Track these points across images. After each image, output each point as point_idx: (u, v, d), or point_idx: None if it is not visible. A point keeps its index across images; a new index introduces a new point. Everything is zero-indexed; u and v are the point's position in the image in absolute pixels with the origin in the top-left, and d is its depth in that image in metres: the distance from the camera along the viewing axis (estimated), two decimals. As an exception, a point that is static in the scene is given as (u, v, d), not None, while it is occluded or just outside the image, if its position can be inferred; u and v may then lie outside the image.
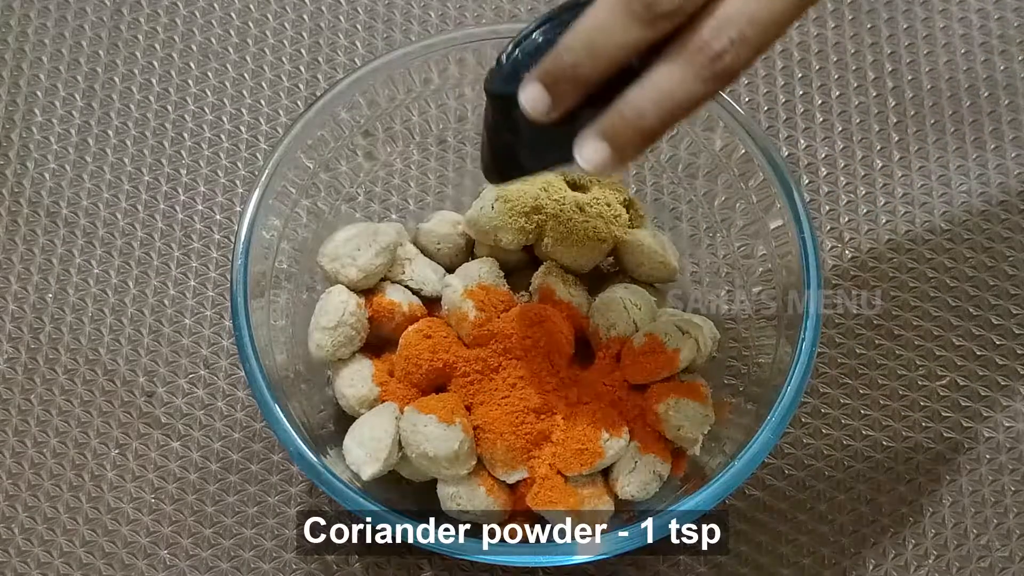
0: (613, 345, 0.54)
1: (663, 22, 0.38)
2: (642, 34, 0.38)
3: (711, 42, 0.38)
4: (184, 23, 0.70)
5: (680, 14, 0.38)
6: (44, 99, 0.69)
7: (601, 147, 0.40)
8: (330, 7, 0.71)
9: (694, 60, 0.38)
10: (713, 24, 0.38)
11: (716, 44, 0.38)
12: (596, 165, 0.40)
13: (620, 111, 0.40)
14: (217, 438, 0.60)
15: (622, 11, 0.38)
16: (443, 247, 0.58)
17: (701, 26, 0.38)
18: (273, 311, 0.54)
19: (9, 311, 0.63)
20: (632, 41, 0.38)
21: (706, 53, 0.38)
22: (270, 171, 0.54)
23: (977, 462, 0.59)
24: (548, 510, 0.51)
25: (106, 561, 0.58)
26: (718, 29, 0.38)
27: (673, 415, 0.52)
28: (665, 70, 0.39)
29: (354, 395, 0.53)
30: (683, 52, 0.38)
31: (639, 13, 0.38)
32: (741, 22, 0.38)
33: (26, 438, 0.61)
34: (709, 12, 0.38)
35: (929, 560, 0.57)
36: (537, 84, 0.40)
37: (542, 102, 0.40)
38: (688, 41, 0.38)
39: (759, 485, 0.59)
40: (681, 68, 0.38)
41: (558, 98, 0.40)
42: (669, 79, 0.39)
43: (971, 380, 0.61)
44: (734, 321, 0.58)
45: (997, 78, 0.68)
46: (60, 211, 0.66)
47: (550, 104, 0.40)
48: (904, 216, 0.64)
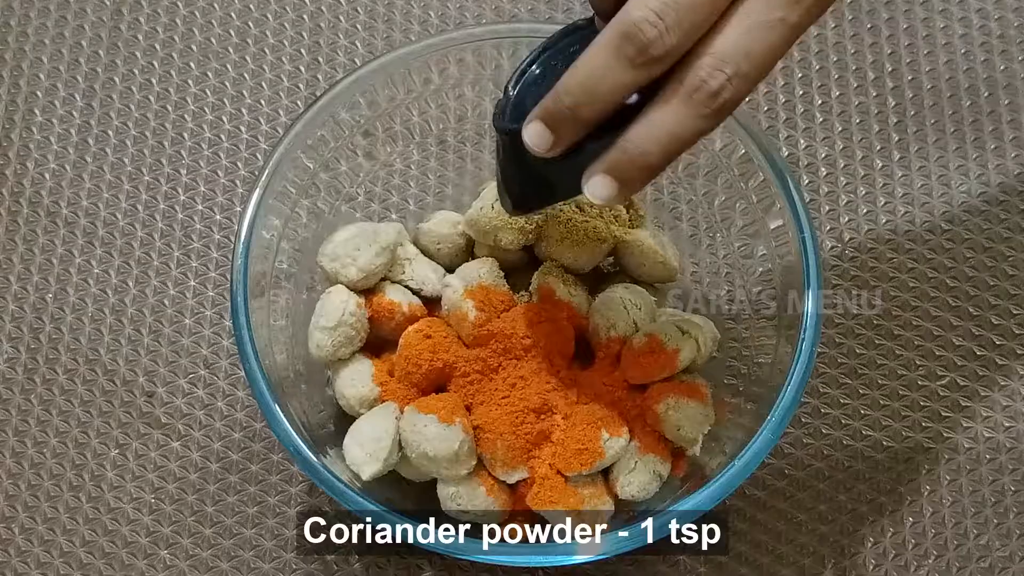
0: (613, 345, 0.54)
1: (656, 65, 0.39)
2: (637, 76, 0.39)
3: (708, 80, 0.39)
4: (184, 23, 0.70)
5: (673, 56, 0.39)
6: (44, 99, 0.69)
7: (608, 182, 0.42)
8: (330, 7, 0.71)
9: (693, 98, 0.39)
10: (709, 61, 0.39)
11: (713, 82, 0.39)
12: (604, 199, 0.42)
13: (624, 149, 0.41)
14: (217, 438, 0.60)
15: (616, 55, 0.39)
16: (443, 247, 0.58)
17: (697, 64, 0.39)
18: (273, 311, 0.54)
19: (9, 311, 0.63)
20: (628, 83, 0.40)
21: (704, 91, 0.39)
22: (270, 171, 0.54)
23: (977, 462, 0.59)
24: (548, 510, 0.51)
25: (106, 561, 0.58)
26: (714, 67, 0.39)
27: (673, 415, 0.52)
28: (665, 108, 0.40)
29: (354, 395, 0.53)
30: (681, 91, 0.39)
31: (633, 58, 0.39)
32: (737, 57, 0.39)
33: (26, 438, 0.61)
34: (704, 46, 0.39)
35: (929, 560, 0.57)
36: (539, 123, 0.41)
37: (544, 140, 0.41)
38: (686, 79, 0.39)
39: (759, 485, 0.59)
40: (681, 106, 0.39)
41: (559, 137, 0.41)
42: (670, 117, 0.40)
43: (971, 380, 0.61)
44: (734, 321, 0.58)
45: (997, 78, 0.68)
46: (60, 211, 0.66)
47: (552, 142, 0.41)
48: (904, 216, 0.64)
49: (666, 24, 0.38)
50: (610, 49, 0.39)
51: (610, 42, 0.39)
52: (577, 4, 0.70)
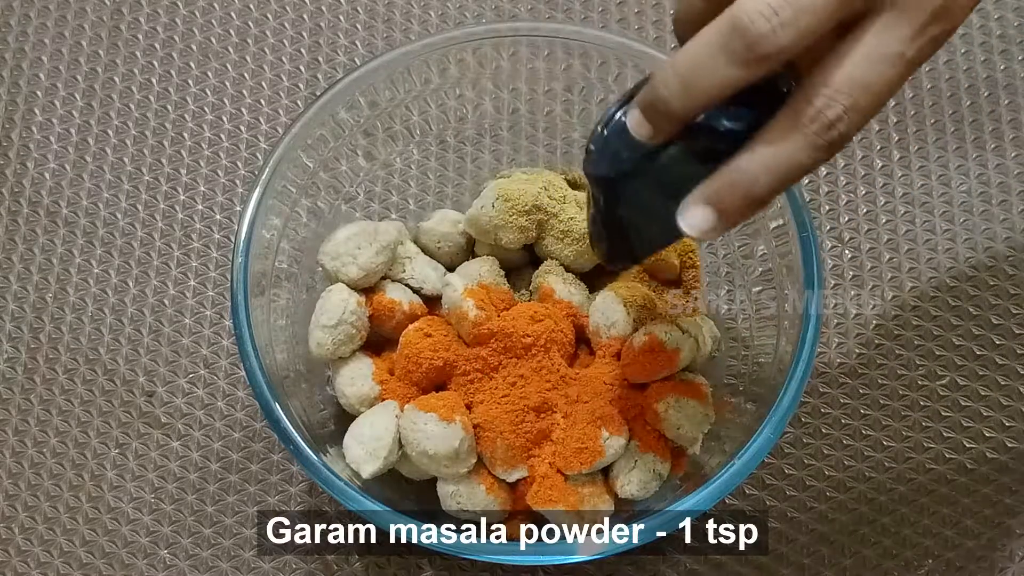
0: (613, 344, 0.54)
1: (761, 64, 0.37)
2: (739, 74, 0.37)
3: (825, 111, 0.37)
4: (184, 23, 0.71)
5: (780, 58, 0.37)
6: (44, 99, 0.69)
7: (707, 212, 0.40)
8: (330, 7, 0.71)
9: (808, 130, 0.38)
10: (827, 91, 0.37)
11: (830, 113, 0.37)
12: (701, 231, 0.40)
13: (730, 177, 0.39)
14: (217, 438, 0.60)
15: (722, 48, 0.37)
16: (443, 246, 0.58)
17: (814, 92, 0.37)
18: (273, 310, 0.54)
19: (9, 311, 0.63)
20: (728, 81, 0.37)
21: (820, 122, 0.37)
22: (270, 170, 0.54)
23: (977, 462, 0.59)
24: (548, 509, 0.51)
25: (106, 561, 0.58)
26: (832, 97, 0.37)
27: (673, 414, 0.52)
28: (777, 137, 0.38)
29: (354, 393, 0.53)
30: (796, 120, 0.38)
31: (739, 53, 0.37)
32: (855, 90, 0.37)
33: (26, 438, 0.61)
34: (820, 75, 0.38)
35: (928, 561, 0.57)
36: (636, 110, 0.40)
37: (644, 129, 0.40)
38: (801, 110, 0.38)
39: (759, 485, 0.59)
40: (795, 137, 0.38)
41: (657, 129, 0.40)
42: (782, 145, 0.38)
43: (971, 380, 0.61)
44: (734, 321, 0.58)
45: (997, 78, 0.68)
46: (60, 211, 0.66)
47: (651, 132, 0.40)
48: (904, 216, 0.64)
49: (780, 19, 0.36)
50: (717, 41, 0.37)
51: (718, 33, 0.37)
52: (577, 4, 0.70)
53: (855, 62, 0.37)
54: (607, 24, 0.69)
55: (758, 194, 0.39)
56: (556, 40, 0.56)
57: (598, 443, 0.51)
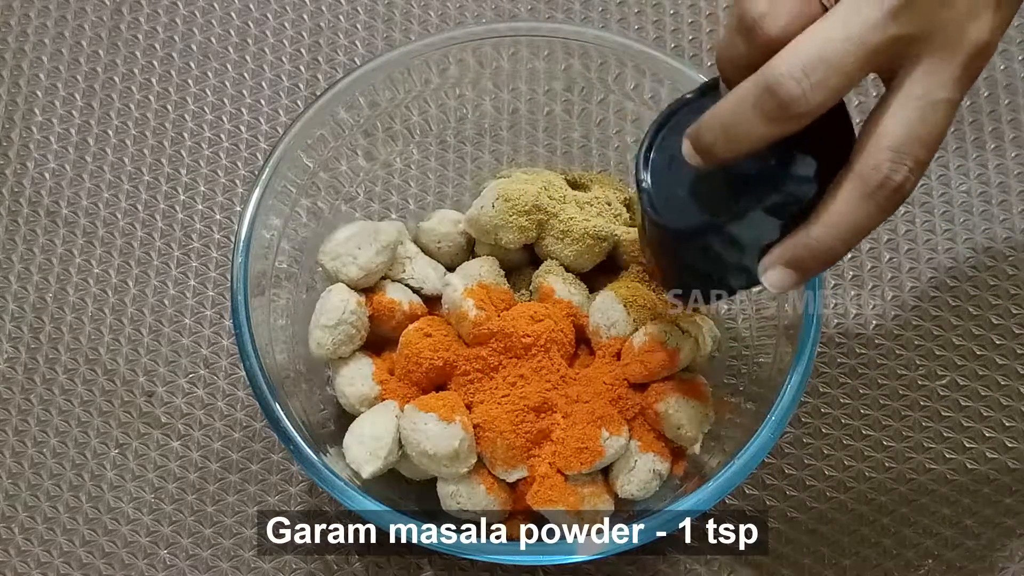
0: (613, 344, 0.54)
1: (794, 122, 0.39)
2: (772, 130, 0.39)
3: (892, 176, 0.39)
4: (184, 23, 0.71)
5: (812, 115, 0.38)
6: (44, 99, 0.69)
7: (788, 274, 0.42)
8: (330, 7, 0.71)
9: (878, 196, 0.39)
10: (889, 155, 0.39)
11: (898, 176, 0.39)
12: (783, 289, 0.43)
13: (807, 245, 0.41)
14: (217, 438, 0.60)
15: (755, 107, 0.39)
16: (444, 246, 0.58)
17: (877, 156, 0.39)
18: (273, 310, 0.54)
19: (9, 311, 0.63)
20: (763, 136, 0.39)
21: (889, 187, 0.39)
22: (270, 170, 0.54)
23: (977, 462, 0.59)
24: (548, 509, 0.51)
25: (106, 561, 0.58)
26: (896, 160, 0.38)
27: (673, 414, 0.52)
28: (849, 208, 0.40)
29: (354, 393, 0.53)
30: (864, 189, 0.39)
31: (773, 113, 0.38)
32: (914, 147, 0.39)
33: (26, 438, 0.61)
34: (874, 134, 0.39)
35: (928, 561, 0.57)
36: (688, 143, 0.42)
37: (695, 160, 0.42)
38: (868, 177, 0.39)
39: (759, 485, 0.59)
40: (866, 202, 0.39)
41: (707, 162, 0.42)
42: (854, 213, 0.40)
43: (971, 380, 0.61)
44: (734, 321, 0.58)
45: (997, 78, 0.68)
46: (60, 211, 0.66)
47: (702, 163, 0.42)
48: (904, 216, 0.64)
49: (812, 82, 0.37)
50: (750, 99, 0.39)
51: (754, 90, 0.39)
52: (577, 4, 0.70)
53: (909, 118, 0.39)
54: (607, 24, 0.69)
55: (835, 256, 0.41)
56: (556, 40, 0.56)
57: (598, 443, 0.51)
